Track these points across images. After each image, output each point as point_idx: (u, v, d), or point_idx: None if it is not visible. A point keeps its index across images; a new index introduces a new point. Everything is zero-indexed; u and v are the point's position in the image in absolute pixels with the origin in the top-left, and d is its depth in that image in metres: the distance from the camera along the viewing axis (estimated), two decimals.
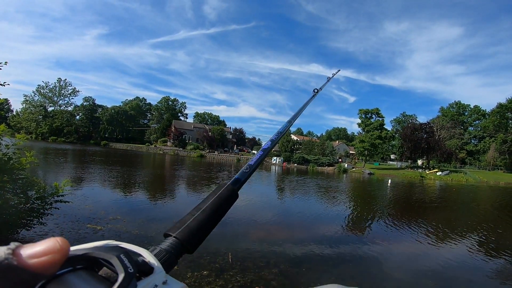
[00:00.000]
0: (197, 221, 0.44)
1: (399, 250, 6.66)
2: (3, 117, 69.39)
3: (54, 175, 14.29)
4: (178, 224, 0.44)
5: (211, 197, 0.50)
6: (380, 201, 15.54)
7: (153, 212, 8.18)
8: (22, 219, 4.40)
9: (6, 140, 5.09)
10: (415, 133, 49.53)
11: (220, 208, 0.49)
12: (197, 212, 0.46)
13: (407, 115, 76.73)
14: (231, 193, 0.53)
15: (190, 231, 0.42)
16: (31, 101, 74.82)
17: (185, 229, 0.42)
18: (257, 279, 3.76)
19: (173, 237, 0.41)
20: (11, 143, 4.83)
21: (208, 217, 0.46)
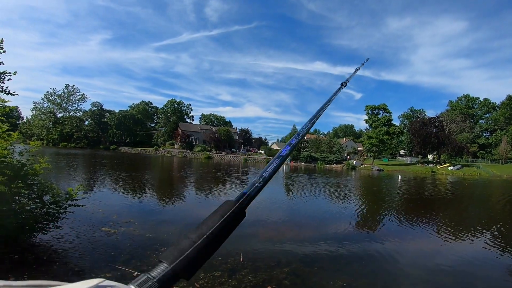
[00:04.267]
0: (195, 247, 0.40)
1: (413, 247, 6.57)
2: (14, 125, 71.47)
3: (67, 180, 14.60)
4: (174, 251, 0.39)
5: (213, 217, 0.45)
6: (391, 198, 15.34)
7: (164, 214, 8.28)
8: (38, 223, 4.53)
9: (20, 147, 5.26)
10: (424, 127, 48.73)
11: (223, 230, 0.44)
12: (195, 235, 0.41)
13: (415, 110, 75.48)
14: (237, 212, 0.47)
15: (187, 259, 0.38)
16: (41, 108, 76.47)
17: (181, 257, 0.38)
18: (269, 278, 3.78)
19: (165, 264, 0.37)
20: (24, 150, 4.98)
21: (208, 242, 0.41)
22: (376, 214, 10.50)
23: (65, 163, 24.87)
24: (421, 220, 9.31)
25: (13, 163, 4.32)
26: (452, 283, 4.60)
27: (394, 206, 12.39)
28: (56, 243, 5.04)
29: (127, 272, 3.88)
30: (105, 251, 4.78)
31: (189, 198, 11.58)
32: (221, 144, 62.19)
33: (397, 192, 18.10)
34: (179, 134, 63.34)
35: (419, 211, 11.37)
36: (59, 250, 4.79)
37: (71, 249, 4.85)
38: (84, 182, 14.30)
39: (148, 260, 4.47)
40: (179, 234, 6.23)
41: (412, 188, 20.97)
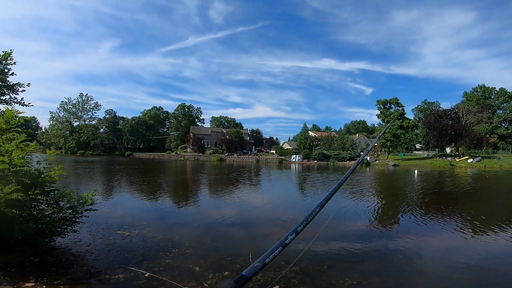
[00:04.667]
0: None
1: (429, 243, 6.36)
2: (33, 135, 74.73)
3: (86, 186, 15.14)
4: None
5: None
6: (407, 193, 14.95)
7: (177, 217, 8.45)
8: (57, 227, 4.75)
9: (38, 156, 5.53)
10: (440, 120, 47.30)
11: None
12: None
13: (429, 103, 73.32)
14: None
15: None
16: (57, 118, 79.55)
17: None
18: (277, 277, 3.80)
19: None
20: (42, 159, 5.25)
21: None
22: (391, 210, 10.29)
23: (83, 170, 25.77)
24: (439, 215, 9.02)
25: (31, 172, 4.55)
26: (472, 280, 4.44)
27: (410, 201, 12.08)
28: (74, 246, 5.26)
29: (139, 273, 4.01)
30: (120, 253, 4.95)
31: (201, 201, 11.74)
32: (232, 146, 62.60)
33: (414, 187, 17.63)
34: (190, 137, 64.30)
35: (437, 206, 11.00)
36: (76, 253, 5.00)
37: (88, 252, 5.05)
38: (102, 187, 14.78)
39: (159, 261, 4.59)
40: (191, 235, 6.35)
41: (430, 182, 20.36)
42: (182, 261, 4.63)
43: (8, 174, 4.18)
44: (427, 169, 35.15)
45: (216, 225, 7.44)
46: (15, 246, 4.29)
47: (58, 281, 3.69)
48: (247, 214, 8.73)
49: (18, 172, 4.21)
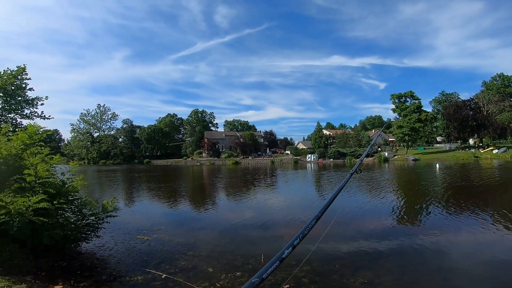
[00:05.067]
0: None
1: (451, 240, 6.11)
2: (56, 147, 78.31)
3: (109, 194, 15.85)
4: None
5: None
6: (430, 188, 14.46)
7: (193, 221, 8.68)
8: (81, 233, 5.09)
9: (62, 168, 5.94)
10: (459, 111, 45.49)
11: None
12: None
13: (447, 94, 70.47)
14: None
15: None
16: (78, 129, 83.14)
17: None
18: (287, 277, 3.87)
19: None
20: (66, 170, 5.64)
21: None
22: (410, 206, 10.03)
23: (105, 179, 26.89)
24: (467, 210, 8.59)
25: (55, 182, 4.92)
26: (500, 278, 4.29)
27: (431, 196, 11.66)
28: (98, 251, 5.60)
29: (157, 275, 4.23)
30: (139, 257, 5.22)
31: (216, 205, 11.98)
32: (247, 149, 62.95)
33: (436, 182, 17.03)
34: (205, 143, 65.31)
35: (465, 200, 10.43)
36: (100, 257, 5.33)
37: (110, 256, 5.36)
38: (123, 195, 15.42)
39: (175, 263, 4.81)
40: (206, 238, 6.55)
41: (453, 176, 19.58)
42: (197, 263, 4.82)
43: (34, 186, 4.55)
44: (449, 162, 33.76)
45: (230, 228, 7.61)
46: (44, 251, 4.64)
47: (83, 283, 3.98)
48: (262, 216, 8.83)
49: (44, 183, 4.57)
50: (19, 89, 11.55)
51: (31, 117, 11.97)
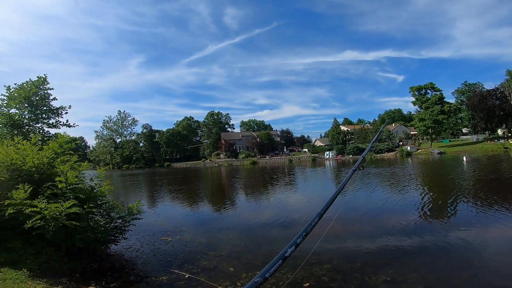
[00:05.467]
0: None
1: (487, 237, 5.80)
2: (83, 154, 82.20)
3: (134, 197, 16.52)
4: None
5: None
6: (457, 182, 13.77)
7: (213, 222, 8.86)
8: (110, 236, 5.37)
9: (90, 173, 6.31)
10: (485, 101, 43.21)
11: None
12: None
13: (470, 84, 66.54)
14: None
15: None
16: (102, 136, 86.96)
17: None
18: (308, 275, 3.89)
19: None
20: (93, 175, 5.99)
21: None
22: (436, 202, 9.63)
23: (129, 183, 28.01)
24: (495, 205, 8.10)
25: (85, 188, 5.24)
26: None
27: (459, 191, 11.11)
28: (126, 252, 5.90)
29: (180, 274, 4.40)
30: (163, 257, 5.44)
31: (236, 205, 12.14)
32: (264, 148, 62.99)
33: (464, 175, 16.19)
34: (222, 144, 66.05)
35: (496, 194, 9.83)
36: (128, 258, 5.61)
37: (137, 257, 5.62)
38: (146, 198, 16.01)
39: (198, 263, 4.97)
40: (226, 239, 6.69)
41: (482, 169, 18.53)
42: (218, 263, 4.95)
43: (66, 192, 4.87)
44: (477, 155, 31.97)
45: (249, 228, 7.71)
46: (77, 254, 4.96)
47: (113, 284, 4.21)
48: (281, 215, 8.85)
49: (74, 189, 4.89)
50: (43, 99, 12.22)
51: (57, 125, 12.63)
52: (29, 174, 5.05)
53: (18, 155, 5.11)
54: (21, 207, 4.39)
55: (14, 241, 4.55)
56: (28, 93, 11.32)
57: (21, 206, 4.39)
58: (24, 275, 3.80)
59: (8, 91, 11.20)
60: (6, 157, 5.00)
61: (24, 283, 3.55)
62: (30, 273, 3.90)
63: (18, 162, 5.04)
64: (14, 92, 11.24)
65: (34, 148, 5.54)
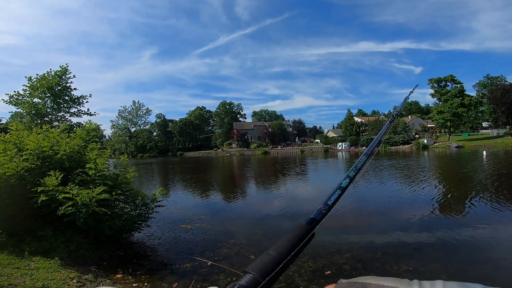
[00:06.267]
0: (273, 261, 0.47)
1: (508, 232, 5.74)
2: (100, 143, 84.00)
3: (149, 185, 17.00)
4: (257, 263, 0.47)
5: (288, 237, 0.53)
6: (476, 177, 13.39)
7: (231, 211, 9.05)
8: (134, 223, 5.58)
9: (109, 162, 6.49)
10: (507, 94, 41.39)
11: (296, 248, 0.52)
12: (274, 252, 0.50)
13: (492, 77, 63.38)
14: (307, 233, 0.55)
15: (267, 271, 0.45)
16: (117, 125, 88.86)
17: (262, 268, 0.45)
18: (328, 264, 3.96)
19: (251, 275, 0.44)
20: (114, 163, 6.16)
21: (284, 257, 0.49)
22: (455, 196, 9.43)
23: (144, 171, 28.74)
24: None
25: (111, 175, 5.44)
26: None
27: (479, 186, 10.84)
28: (148, 240, 6.12)
29: (203, 262, 4.55)
30: (185, 245, 5.63)
31: (251, 195, 12.31)
32: (275, 138, 62.85)
33: (483, 170, 15.69)
34: (234, 133, 66.27)
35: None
36: (151, 246, 5.82)
37: (160, 245, 5.83)
38: (162, 186, 16.42)
39: (218, 251, 5.12)
40: (244, 227, 6.84)
41: (504, 164, 17.87)
42: (238, 250, 5.09)
43: (95, 178, 5.08)
44: (498, 149, 30.79)
45: (266, 217, 7.83)
46: (104, 242, 5.15)
47: (139, 271, 4.36)
48: (295, 205, 8.94)
49: (102, 176, 5.08)
50: (65, 89, 12.57)
51: (79, 114, 13.01)
52: (60, 162, 5.26)
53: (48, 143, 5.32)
54: (53, 193, 4.59)
55: (46, 230, 4.68)
56: (51, 83, 11.66)
57: (54, 192, 4.59)
58: (56, 264, 3.92)
59: (30, 81, 11.56)
60: (37, 145, 5.21)
61: (58, 272, 3.67)
62: (62, 262, 4.01)
63: (49, 150, 5.24)
64: (37, 82, 11.60)
65: (63, 136, 5.74)
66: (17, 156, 4.95)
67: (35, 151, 5.15)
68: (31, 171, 4.98)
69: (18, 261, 3.80)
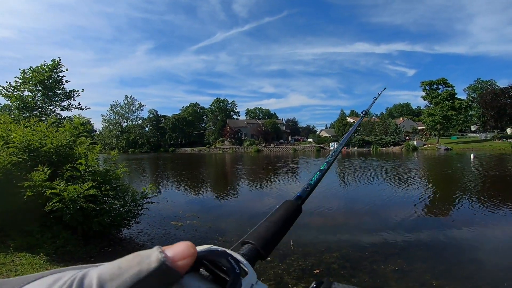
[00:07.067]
0: (269, 231, 0.49)
1: (491, 234, 5.89)
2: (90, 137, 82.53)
3: (140, 181, 16.80)
4: (254, 233, 0.48)
5: (280, 210, 0.56)
6: (464, 180, 13.73)
7: (222, 208, 9.06)
8: (123, 219, 5.53)
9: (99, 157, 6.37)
10: (497, 99, 42.53)
11: (288, 220, 0.54)
12: (269, 223, 0.51)
13: (483, 81, 64.99)
14: (296, 207, 0.59)
15: (264, 240, 0.47)
16: (108, 120, 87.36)
17: (260, 237, 0.47)
18: (318, 262, 4.02)
19: (251, 244, 0.45)
20: (103, 159, 6.07)
21: (278, 228, 0.51)
22: (442, 198, 9.68)
23: (135, 167, 28.39)
24: (500, 203, 8.13)
25: (101, 170, 5.35)
26: None
27: (465, 188, 11.14)
28: (138, 236, 6.06)
29: None
30: (175, 242, 5.57)
31: (242, 192, 12.31)
32: (268, 137, 62.94)
33: (471, 173, 16.10)
34: (227, 131, 66.09)
35: (498, 193, 9.87)
36: (140, 242, 5.77)
37: (149, 241, 5.78)
38: (153, 182, 16.27)
39: None
40: (235, 224, 6.86)
41: (490, 167, 18.38)
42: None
43: (84, 174, 4.99)
44: (485, 153, 31.61)
45: (258, 215, 7.84)
46: (92, 238, 5.08)
47: None
48: None
49: (92, 171, 5.00)
50: (56, 82, 12.32)
51: (69, 108, 12.77)
52: (48, 156, 5.14)
53: (35, 137, 5.19)
54: (40, 189, 4.49)
55: (32, 225, 4.58)
56: (43, 76, 11.43)
57: (41, 188, 4.49)
58: (42, 260, 3.84)
59: (23, 74, 11.30)
60: (23, 138, 5.07)
61: (43, 269, 3.56)
62: (47, 258, 3.93)
63: (35, 143, 5.11)
64: (29, 74, 11.35)
65: (51, 129, 5.61)
66: (3, 149, 4.81)
67: (22, 144, 5.02)
68: (18, 165, 4.86)
69: (3, 257, 3.72)
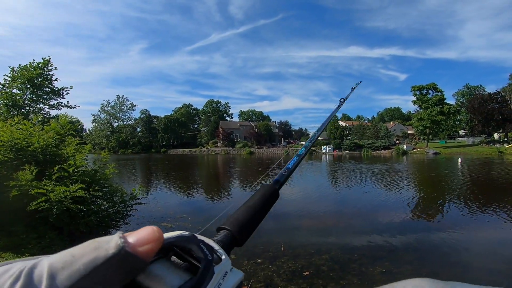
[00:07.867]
0: (246, 216, 0.48)
1: (477, 237, 6.05)
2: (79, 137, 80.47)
3: (130, 182, 16.57)
4: (230, 219, 0.47)
5: (257, 195, 0.55)
6: (451, 183, 14.01)
7: (213, 210, 8.98)
8: (112, 220, 5.45)
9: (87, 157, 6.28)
10: (485, 104, 43.70)
11: (266, 205, 0.54)
12: (245, 208, 0.50)
13: (471, 87, 66.93)
14: (274, 191, 0.58)
15: (241, 225, 0.45)
16: (99, 119, 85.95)
17: (236, 223, 0.45)
18: (307, 264, 4.05)
19: (226, 230, 0.43)
20: (92, 159, 5.98)
21: (255, 213, 0.50)
22: (430, 201, 9.85)
23: (125, 168, 27.97)
24: (490, 207, 8.28)
25: (89, 171, 5.27)
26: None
27: (452, 192, 11.38)
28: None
29: None
30: None
31: (234, 194, 12.27)
32: (261, 139, 63.08)
33: (458, 177, 16.47)
34: (220, 132, 65.93)
35: (487, 197, 10.10)
36: None
37: None
38: (143, 183, 16.06)
39: None
40: None
41: (476, 171, 18.85)
42: None
43: (72, 174, 4.90)
44: (472, 157, 32.45)
45: None
46: (79, 239, 5.00)
47: None
48: (278, 207, 9.00)
49: (80, 172, 4.92)
50: (46, 80, 12.08)
51: (58, 107, 12.51)
52: (34, 155, 5.04)
53: (21, 135, 5.08)
54: (26, 188, 4.39)
55: (17, 225, 4.50)
56: (32, 74, 11.20)
57: (27, 187, 4.39)
58: None
59: (12, 72, 11.07)
60: (10, 136, 4.96)
61: None
62: None
63: (22, 142, 5.01)
64: (18, 72, 11.11)
65: (37, 128, 5.50)
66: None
67: (8, 143, 4.91)
68: (3, 164, 4.74)
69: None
